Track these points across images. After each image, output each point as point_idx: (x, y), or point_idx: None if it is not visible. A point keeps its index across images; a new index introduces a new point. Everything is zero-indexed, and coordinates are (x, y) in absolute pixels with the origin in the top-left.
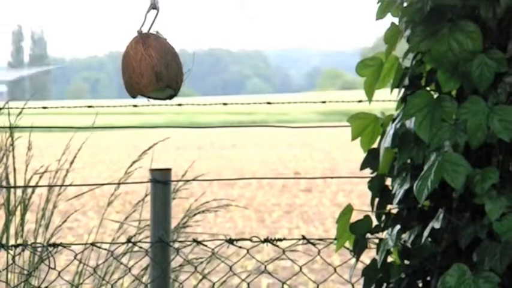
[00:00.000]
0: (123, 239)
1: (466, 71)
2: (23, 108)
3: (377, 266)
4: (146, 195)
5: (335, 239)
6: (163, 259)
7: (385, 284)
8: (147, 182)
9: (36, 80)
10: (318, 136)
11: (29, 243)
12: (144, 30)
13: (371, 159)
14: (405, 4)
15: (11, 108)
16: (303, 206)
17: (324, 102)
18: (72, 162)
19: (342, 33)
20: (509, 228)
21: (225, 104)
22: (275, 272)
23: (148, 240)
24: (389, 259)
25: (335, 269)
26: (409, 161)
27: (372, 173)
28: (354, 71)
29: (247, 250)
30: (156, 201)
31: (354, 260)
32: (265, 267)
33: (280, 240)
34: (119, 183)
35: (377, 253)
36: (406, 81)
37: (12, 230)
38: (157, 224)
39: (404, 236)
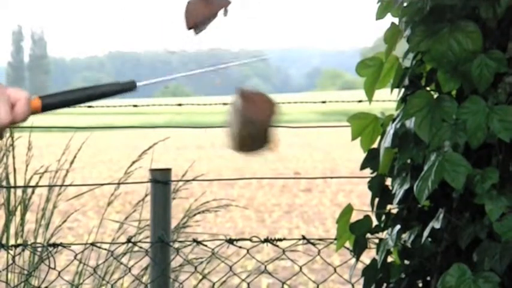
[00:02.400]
0: (123, 239)
1: (466, 71)
2: None
3: (377, 266)
4: (146, 195)
5: (335, 239)
6: (163, 259)
7: (385, 284)
8: (147, 182)
9: (36, 80)
10: (318, 136)
11: (29, 243)
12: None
13: (371, 159)
14: (405, 4)
15: None
16: (303, 206)
17: (324, 102)
18: (72, 162)
19: (342, 33)
20: (509, 228)
21: (225, 104)
22: (275, 272)
23: (148, 240)
24: (390, 259)
25: (335, 269)
26: (409, 161)
27: (371, 173)
28: (354, 71)
29: (247, 250)
30: (156, 201)
31: (354, 260)
32: (265, 267)
33: (280, 240)
34: (119, 183)
35: (377, 253)
36: (406, 81)
37: (12, 230)
38: (157, 224)
39: (404, 236)
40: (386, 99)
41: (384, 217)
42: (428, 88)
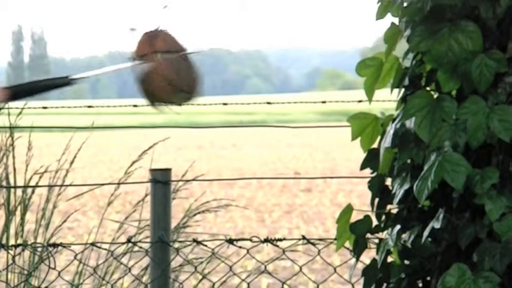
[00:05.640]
0: (123, 239)
1: (466, 71)
2: (23, 108)
3: (377, 266)
4: (146, 195)
5: (335, 239)
6: (163, 259)
7: (385, 284)
8: (147, 182)
9: None
10: (318, 136)
11: (29, 243)
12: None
13: (371, 159)
14: (405, 4)
15: (11, 108)
16: (303, 206)
17: (324, 102)
18: (72, 162)
19: (342, 33)
20: (509, 228)
21: (225, 104)
22: (275, 272)
23: (148, 240)
24: (390, 259)
25: (335, 269)
26: (409, 161)
27: (372, 173)
28: (354, 71)
29: (247, 250)
30: (156, 201)
31: (354, 260)
32: (265, 267)
33: (280, 240)
34: (119, 183)
35: (377, 253)
36: (406, 81)
37: (12, 230)
38: (157, 224)
39: (404, 236)
40: (386, 99)
41: (384, 217)
42: (428, 88)
